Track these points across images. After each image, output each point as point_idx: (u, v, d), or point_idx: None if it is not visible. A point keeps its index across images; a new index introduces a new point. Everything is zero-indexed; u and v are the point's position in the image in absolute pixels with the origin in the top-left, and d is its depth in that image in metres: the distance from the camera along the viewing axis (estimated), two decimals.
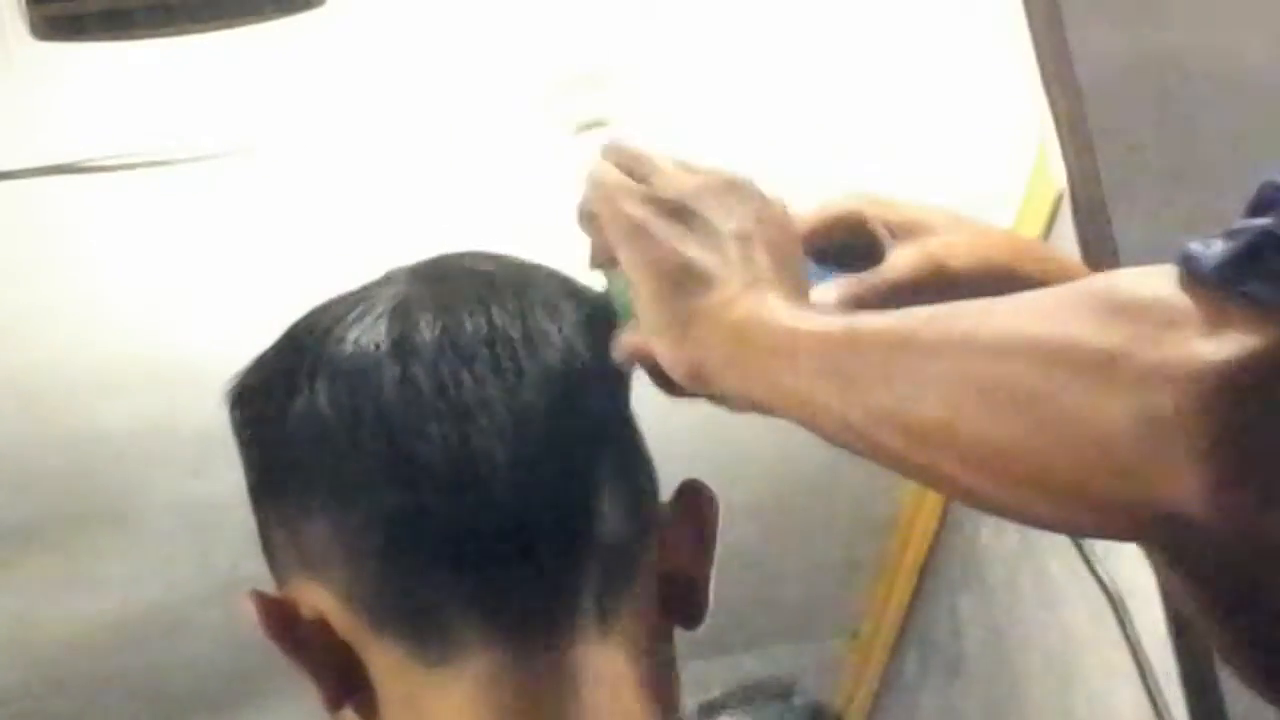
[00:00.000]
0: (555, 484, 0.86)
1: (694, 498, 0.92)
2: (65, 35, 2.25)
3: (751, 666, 2.01)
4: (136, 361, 3.00)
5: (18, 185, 2.54)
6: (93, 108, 2.45)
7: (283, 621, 0.87)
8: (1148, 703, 2.52)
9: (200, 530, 3.50)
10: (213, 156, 2.56)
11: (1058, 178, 2.50)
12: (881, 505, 3.81)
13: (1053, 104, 2.21)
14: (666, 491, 0.92)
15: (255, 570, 0.89)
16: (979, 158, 2.74)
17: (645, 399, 0.92)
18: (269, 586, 0.89)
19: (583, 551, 0.86)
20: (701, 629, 0.91)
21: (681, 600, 0.90)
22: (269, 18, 2.27)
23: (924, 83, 2.61)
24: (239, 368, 0.92)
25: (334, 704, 0.87)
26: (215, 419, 0.92)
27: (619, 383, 0.91)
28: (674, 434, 1.00)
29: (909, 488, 3.70)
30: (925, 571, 3.92)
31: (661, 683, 0.89)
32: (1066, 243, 2.50)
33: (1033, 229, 2.75)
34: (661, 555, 0.89)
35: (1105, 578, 2.59)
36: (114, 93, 2.44)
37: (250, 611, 0.88)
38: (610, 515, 0.87)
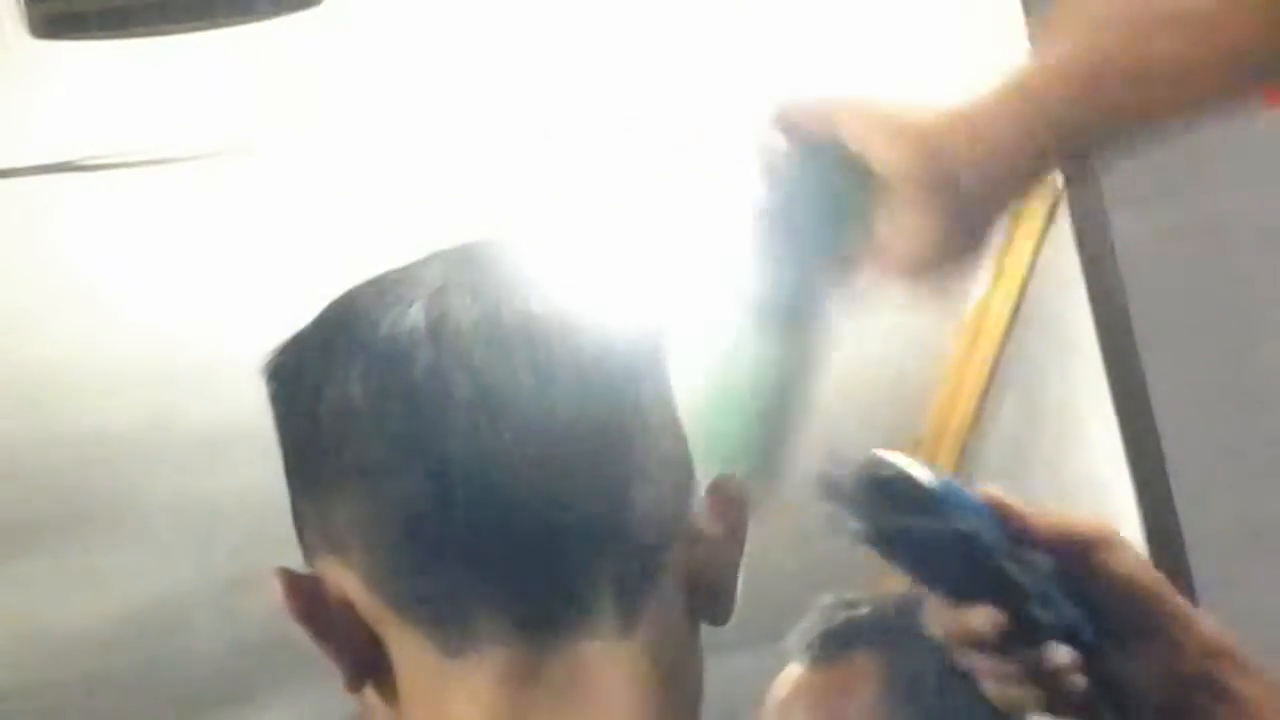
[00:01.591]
0: (583, 482, 0.85)
1: (724, 494, 0.91)
2: (63, 33, 2.25)
3: (746, 665, 1.97)
4: (136, 360, 3.00)
5: (16, 183, 2.54)
6: (91, 106, 2.45)
7: (308, 600, 0.87)
8: None
9: (200, 529, 3.50)
10: (211, 155, 2.56)
11: (1056, 177, 2.50)
12: None
13: None
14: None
15: (254, 569, 0.89)
16: None
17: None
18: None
19: (607, 549, 0.86)
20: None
21: (708, 597, 0.90)
22: (267, 16, 2.27)
23: (922, 83, 2.60)
24: (236, 366, 0.92)
25: (355, 685, 0.87)
26: (215, 418, 0.92)
27: (658, 377, 0.90)
28: None
29: None
30: None
31: (683, 681, 0.89)
32: (1064, 242, 2.50)
33: (1030, 229, 2.75)
34: (690, 552, 0.89)
35: None
36: (112, 91, 2.44)
37: (275, 589, 0.87)
38: (638, 514, 0.87)
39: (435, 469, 0.85)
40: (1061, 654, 0.96)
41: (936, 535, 0.95)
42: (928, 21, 2.51)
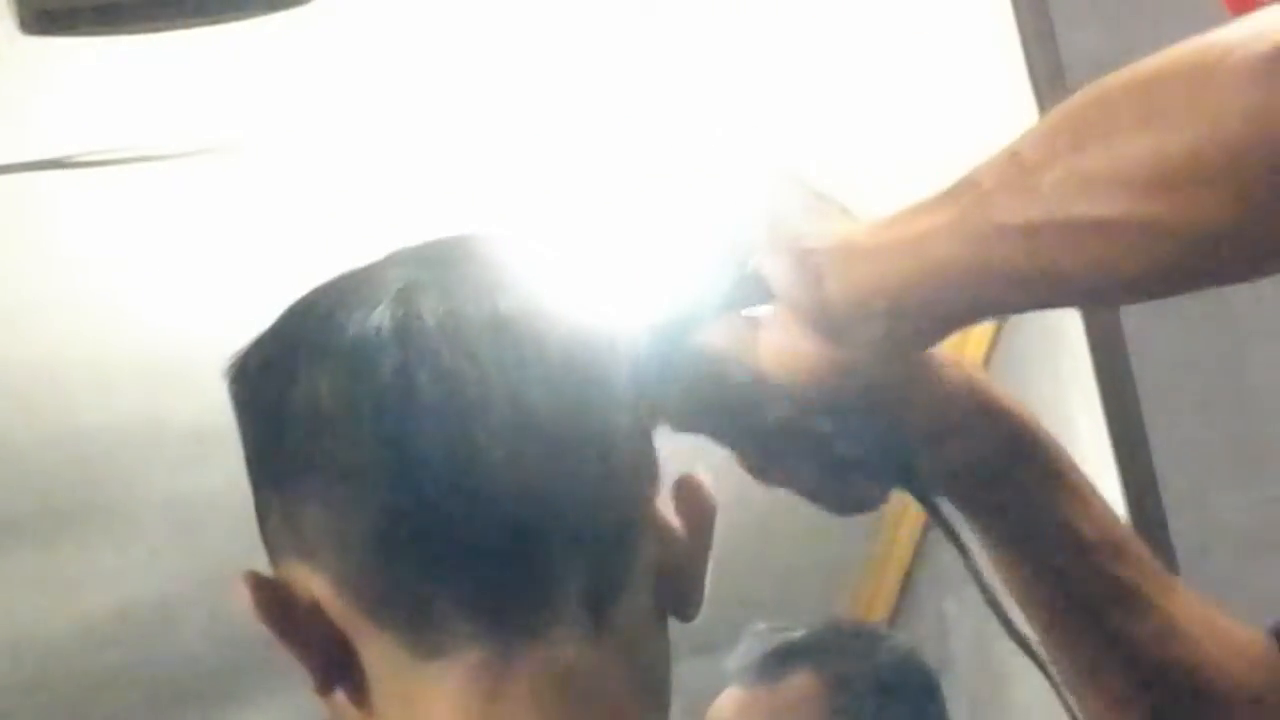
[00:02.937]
0: (552, 483, 0.85)
1: (691, 492, 0.91)
2: (55, 30, 2.25)
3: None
4: (127, 357, 3.00)
5: (7, 180, 2.54)
6: (82, 103, 2.45)
7: (276, 604, 0.87)
8: None
9: (189, 526, 3.50)
10: (203, 152, 2.56)
11: None
12: None
13: (1042, 106, 2.21)
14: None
15: (244, 566, 0.89)
16: (968, 159, 2.74)
17: None
18: (235, 590, 0.89)
19: (577, 549, 0.85)
20: (683, 628, 0.91)
21: (677, 594, 0.90)
22: (258, 13, 2.27)
23: (913, 84, 2.61)
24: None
25: (325, 689, 0.87)
26: (205, 415, 0.92)
27: (625, 377, 0.90)
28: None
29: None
30: (911, 572, 3.93)
31: (654, 678, 0.89)
32: None
33: None
34: (658, 550, 0.89)
35: None
36: (104, 88, 2.44)
37: (243, 594, 0.87)
38: (607, 514, 0.87)
39: (404, 472, 0.84)
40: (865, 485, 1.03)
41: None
42: (916, 22, 2.51)
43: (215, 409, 0.93)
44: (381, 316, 0.86)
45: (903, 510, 3.76)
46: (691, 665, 0.92)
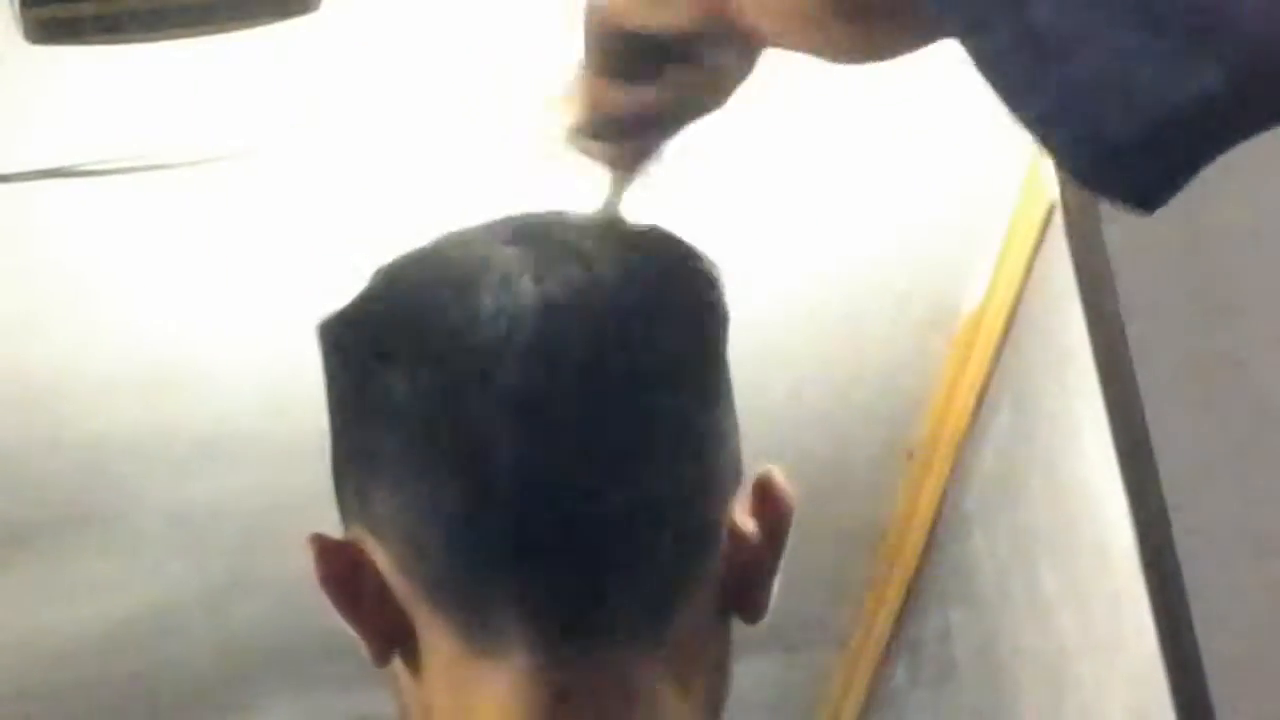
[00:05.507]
0: (628, 495, 0.84)
1: (769, 491, 0.90)
2: (59, 39, 2.25)
3: (740, 675, 1.99)
4: (131, 365, 3.00)
5: (12, 189, 2.54)
6: (87, 111, 2.45)
7: (341, 567, 0.86)
8: (1139, 712, 2.52)
9: (194, 535, 3.49)
10: (207, 161, 2.56)
11: (1050, 189, 2.51)
12: (872, 516, 3.81)
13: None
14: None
15: (248, 574, 0.89)
16: (971, 169, 2.74)
17: None
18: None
19: (644, 561, 0.84)
20: None
21: (744, 595, 0.88)
22: (264, 22, 2.27)
23: (916, 93, 2.61)
24: (232, 372, 0.92)
25: (382, 658, 0.87)
26: (209, 424, 0.91)
27: (713, 375, 0.88)
28: None
29: (900, 499, 3.70)
30: (915, 582, 3.92)
31: (710, 688, 0.88)
32: (1059, 253, 2.51)
33: (1025, 240, 2.76)
34: (729, 550, 0.87)
35: None
36: (108, 96, 2.44)
37: (308, 555, 0.86)
38: (683, 519, 0.85)
39: (475, 475, 0.84)
40: None
41: None
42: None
43: (219, 418, 0.92)
44: (475, 309, 0.85)
45: (907, 520, 3.76)
46: None
